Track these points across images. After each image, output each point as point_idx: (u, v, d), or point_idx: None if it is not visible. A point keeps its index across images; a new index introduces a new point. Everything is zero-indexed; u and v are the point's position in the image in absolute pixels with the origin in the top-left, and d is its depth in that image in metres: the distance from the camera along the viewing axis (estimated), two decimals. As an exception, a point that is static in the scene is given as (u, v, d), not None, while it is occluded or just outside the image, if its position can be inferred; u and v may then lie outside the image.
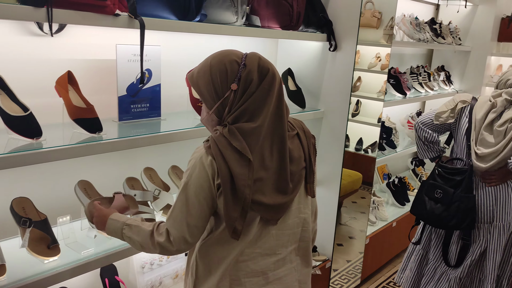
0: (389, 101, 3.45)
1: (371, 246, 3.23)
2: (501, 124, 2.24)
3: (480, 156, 2.26)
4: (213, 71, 1.32)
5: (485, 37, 4.33)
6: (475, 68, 4.43)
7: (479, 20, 4.34)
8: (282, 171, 1.35)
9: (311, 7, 2.55)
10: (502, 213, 2.34)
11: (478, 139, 2.30)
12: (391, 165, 4.23)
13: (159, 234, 1.36)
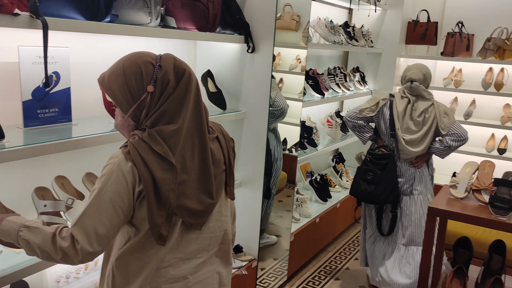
0: (308, 101, 3.56)
1: (296, 243, 3.31)
2: (419, 115, 2.87)
3: (407, 141, 2.86)
4: (127, 73, 1.29)
5: (394, 39, 4.63)
6: (387, 69, 4.72)
7: (388, 24, 4.63)
8: (205, 172, 1.34)
9: (227, 9, 2.57)
10: (420, 188, 2.95)
11: (403, 128, 2.88)
12: (314, 163, 4.37)
13: (62, 238, 1.25)
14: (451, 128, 2.85)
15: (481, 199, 2.25)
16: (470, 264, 2.38)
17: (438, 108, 2.89)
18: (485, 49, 4.46)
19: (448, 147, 2.88)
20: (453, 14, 4.76)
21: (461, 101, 4.77)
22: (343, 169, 4.38)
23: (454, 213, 2.19)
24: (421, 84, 2.90)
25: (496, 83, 4.45)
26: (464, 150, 4.62)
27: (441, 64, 4.90)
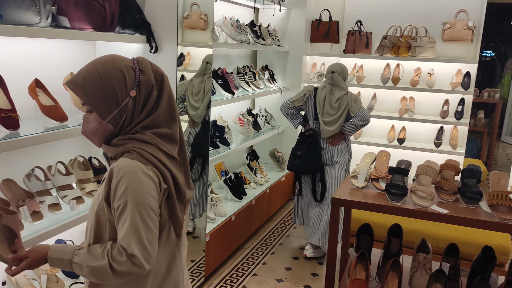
0: (218, 100, 3.57)
1: (212, 243, 3.31)
2: (335, 101, 3.52)
3: (325, 122, 3.53)
4: (108, 78, 1.27)
5: (299, 38, 4.79)
6: (294, 67, 4.88)
7: (293, 23, 4.78)
8: (186, 169, 1.43)
9: (126, 8, 2.49)
10: (339, 159, 3.62)
11: (323, 112, 3.54)
12: (228, 161, 4.39)
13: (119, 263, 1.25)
14: (358, 111, 3.47)
15: (379, 187, 2.40)
16: (372, 249, 2.54)
17: (350, 96, 3.53)
18: (382, 46, 4.78)
19: (354, 125, 3.52)
20: (352, 14, 5.04)
21: (364, 95, 5.06)
22: (257, 166, 4.46)
23: (356, 202, 2.32)
24: (339, 75, 3.54)
25: (393, 77, 4.79)
26: (369, 142, 4.94)
27: (344, 61, 5.16)
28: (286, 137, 5.04)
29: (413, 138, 4.95)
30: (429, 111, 4.88)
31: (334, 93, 3.52)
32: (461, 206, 2.23)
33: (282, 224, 4.47)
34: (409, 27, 4.72)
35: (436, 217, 2.18)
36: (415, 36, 4.68)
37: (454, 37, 4.50)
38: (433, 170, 2.34)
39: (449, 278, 2.29)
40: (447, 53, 4.75)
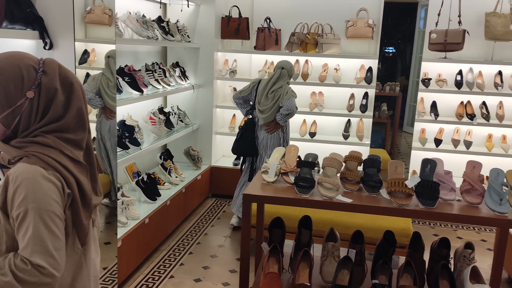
0: (125, 99, 3.42)
1: (125, 248, 3.18)
2: (271, 92, 3.88)
3: (260, 110, 3.91)
4: (5, 75, 1.19)
5: (210, 34, 4.76)
6: (206, 63, 4.84)
7: (203, 18, 4.74)
8: (93, 174, 1.39)
9: (14, 2, 2.29)
10: (274, 145, 4.00)
11: (260, 102, 3.92)
12: (140, 162, 4.25)
13: (25, 273, 1.16)
14: (285, 102, 3.81)
15: (288, 181, 2.45)
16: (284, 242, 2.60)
17: (284, 89, 3.88)
18: (291, 43, 4.90)
19: (281, 115, 3.87)
20: (261, 10, 5.11)
21: (276, 91, 5.16)
22: (172, 166, 4.37)
23: (266, 197, 2.35)
24: (287, 72, 3.92)
25: (303, 73, 4.94)
26: (281, 136, 5.02)
27: (255, 57, 5.23)
28: (201, 134, 4.99)
29: (324, 131, 5.15)
30: (337, 105, 5.11)
31: (273, 85, 3.87)
32: (364, 194, 2.35)
33: (199, 223, 4.43)
34: (316, 24, 4.89)
35: (341, 206, 2.27)
36: (321, 33, 4.86)
37: (356, 34, 4.74)
38: (338, 161, 2.44)
39: (355, 263, 2.40)
40: (351, 49, 5.00)
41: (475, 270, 2.21)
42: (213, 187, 5.08)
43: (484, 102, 4.84)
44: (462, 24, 4.57)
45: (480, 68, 4.82)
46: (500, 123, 4.71)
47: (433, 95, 4.95)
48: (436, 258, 2.40)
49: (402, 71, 11.35)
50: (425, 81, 4.81)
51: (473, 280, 2.18)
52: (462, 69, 4.82)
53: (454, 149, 4.81)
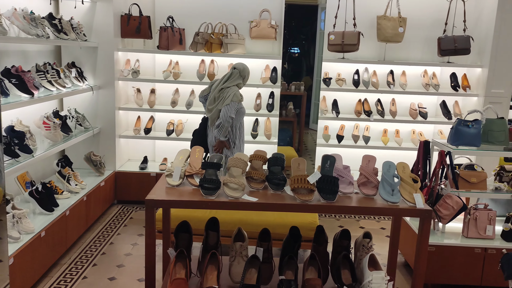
0: (13, 103, 3.13)
1: (18, 265, 2.90)
2: (218, 91, 3.83)
3: (208, 109, 3.90)
4: None
5: (109, 33, 4.53)
6: (105, 63, 4.60)
7: (100, 16, 4.49)
8: None
9: None
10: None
11: (209, 100, 3.88)
12: (34, 171, 3.92)
13: None
14: (222, 110, 3.76)
15: (193, 183, 2.40)
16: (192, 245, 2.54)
17: (229, 92, 3.78)
18: (195, 43, 4.84)
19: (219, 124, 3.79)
20: (163, 9, 4.98)
21: (182, 92, 5.07)
22: (71, 173, 4.08)
23: (170, 201, 2.28)
24: (239, 73, 3.84)
25: (209, 73, 4.90)
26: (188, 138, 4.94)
27: (159, 57, 5.08)
28: (103, 138, 4.74)
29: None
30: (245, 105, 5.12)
31: (223, 85, 3.82)
32: (269, 192, 2.38)
33: (104, 232, 4.19)
34: (220, 24, 4.88)
35: (247, 206, 2.28)
36: (225, 33, 4.86)
37: (260, 35, 4.81)
38: (243, 161, 2.45)
39: (263, 261, 2.42)
40: (256, 49, 5.06)
41: (373, 258, 2.34)
42: (119, 193, 4.85)
43: (379, 99, 5.18)
44: (357, 27, 4.85)
45: (374, 68, 5.15)
46: (394, 118, 5.07)
47: (334, 93, 5.19)
48: (338, 249, 2.50)
49: (307, 71, 11.81)
50: (326, 80, 5.03)
51: (371, 267, 2.30)
52: (359, 68, 5.11)
53: (355, 144, 5.09)
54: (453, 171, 3.40)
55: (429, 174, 3.57)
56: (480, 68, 4.97)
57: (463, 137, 3.47)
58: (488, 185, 3.49)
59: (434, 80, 5.08)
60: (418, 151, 3.70)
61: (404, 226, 3.66)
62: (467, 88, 5.03)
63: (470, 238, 3.38)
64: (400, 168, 2.45)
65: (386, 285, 2.20)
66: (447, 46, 4.82)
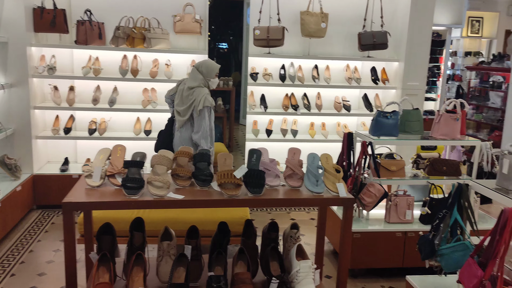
0: None
1: None
2: (185, 91, 3.62)
3: (177, 111, 3.68)
4: None
5: (19, 27, 4.22)
6: (17, 60, 4.28)
7: (9, 9, 4.16)
8: None
9: None
10: (185, 144, 3.66)
11: (178, 102, 3.67)
12: None
13: None
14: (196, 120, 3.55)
15: (115, 183, 2.30)
16: (117, 248, 2.44)
17: (200, 93, 3.56)
18: (116, 37, 4.64)
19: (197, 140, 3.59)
20: (80, 2, 4.72)
21: (104, 89, 4.85)
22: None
23: (91, 203, 2.16)
24: (197, 69, 3.63)
25: (132, 69, 4.73)
26: (114, 136, 4.76)
27: (77, 53, 4.82)
28: (17, 140, 4.42)
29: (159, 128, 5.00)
30: (170, 101, 5.03)
31: (190, 84, 3.62)
32: (196, 189, 2.34)
33: (23, 240, 3.92)
34: (141, 18, 4.72)
35: (174, 204, 2.22)
36: (148, 27, 4.71)
37: (184, 29, 4.72)
38: (167, 158, 2.38)
39: (192, 259, 2.38)
40: (181, 44, 4.97)
41: (300, 248, 2.38)
42: (38, 197, 4.55)
43: (305, 93, 5.30)
44: (281, 22, 4.91)
45: (299, 63, 5.26)
46: (319, 112, 5.22)
47: (261, 88, 5.23)
48: (267, 242, 2.52)
49: (236, 66, 11.83)
50: (253, 75, 5.06)
51: (299, 257, 2.34)
52: (285, 63, 5.19)
53: (284, 138, 5.17)
54: (375, 160, 3.56)
55: (353, 164, 3.71)
56: (397, 62, 5.25)
57: (383, 128, 3.64)
58: (406, 172, 3.69)
59: (356, 74, 5.29)
60: (342, 143, 3.83)
61: (331, 215, 3.78)
62: (386, 81, 5.29)
63: (392, 223, 3.57)
64: (323, 160, 2.51)
65: (313, 274, 2.25)
66: (366, 41, 5.03)
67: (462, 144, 3.91)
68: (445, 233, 2.52)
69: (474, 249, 2.18)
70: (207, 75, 3.65)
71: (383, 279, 3.54)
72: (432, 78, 8.99)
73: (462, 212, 2.52)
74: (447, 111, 3.62)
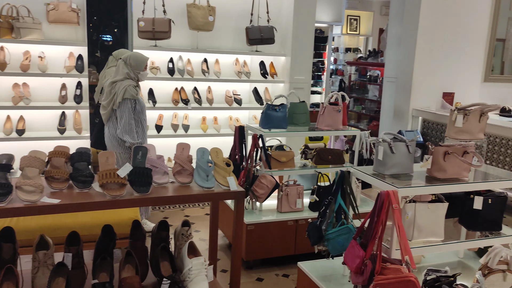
0: None
1: None
2: (108, 86, 3.51)
3: (103, 106, 3.59)
4: None
5: None
6: None
7: None
8: None
9: None
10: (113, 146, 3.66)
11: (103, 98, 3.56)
12: None
13: None
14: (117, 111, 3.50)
15: (-24, 190, 2.00)
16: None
17: (121, 86, 3.44)
18: (-22, 27, 4.11)
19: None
20: None
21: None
22: None
23: None
24: (124, 61, 3.57)
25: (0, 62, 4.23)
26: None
27: None
28: None
29: (35, 127, 4.57)
30: (47, 97, 4.60)
31: (114, 78, 3.51)
32: (75, 191, 2.14)
33: None
34: (8, 6, 4.23)
35: (49, 209, 2.00)
36: (16, 16, 4.23)
37: (59, 19, 4.34)
38: (40, 160, 2.14)
39: (73, 267, 2.18)
40: (56, 35, 4.56)
41: (192, 245, 2.31)
42: None
43: (195, 87, 5.21)
44: (167, 14, 4.76)
45: (188, 56, 5.15)
46: (211, 106, 5.18)
47: (149, 82, 5.03)
48: (157, 242, 2.41)
49: (123, 61, 11.31)
50: (139, 69, 4.83)
51: (191, 254, 2.27)
52: (173, 57, 5.05)
53: (175, 133, 5.04)
54: (266, 152, 3.62)
55: (246, 157, 3.73)
56: (284, 57, 5.41)
57: (272, 121, 3.72)
58: (296, 163, 3.82)
59: (246, 68, 5.34)
60: (234, 136, 3.84)
61: (226, 208, 3.77)
62: (275, 75, 5.43)
63: (284, 213, 3.66)
64: (213, 154, 2.47)
65: (205, 270, 2.19)
66: (254, 36, 5.10)
67: (344, 134, 4.16)
68: (331, 219, 2.64)
69: (356, 232, 2.30)
70: (136, 68, 3.58)
71: (277, 268, 3.62)
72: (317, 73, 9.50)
73: (345, 197, 2.65)
74: (330, 103, 3.81)
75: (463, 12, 5.53)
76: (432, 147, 2.52)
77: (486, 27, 5.74)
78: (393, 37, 6.09)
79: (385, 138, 2.56)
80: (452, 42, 5.56)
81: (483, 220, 2.64)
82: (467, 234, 2.82)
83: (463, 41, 5.62)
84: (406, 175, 2.58)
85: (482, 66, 5.84)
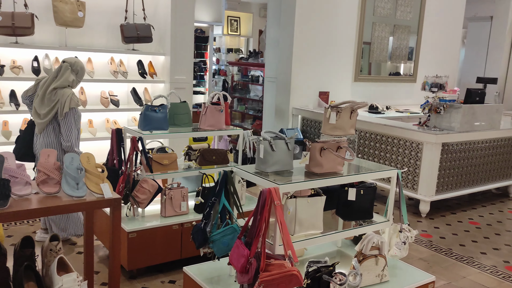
0: None
1: None
2: (49, 93, 3.30)
3: (39, 115, 3.33)
4: None
5: None
6: None
7: None
8: None
9: None
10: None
11: (37, 102, 3.32)
12: None
13: None
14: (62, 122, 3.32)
15: None
16: None
17: (64, 94, 3.27)
18: None
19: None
20: None
21: None
22: None
23: None
24: (70, 66, 3.37)
25: None
26: None
27: None
28: None
29: None
30: None
31: (55, 84, 3.31)
32: None
33: None
34: None
35: None
36: None
37: None
38: None
39: None
40: None
41: (62, 261, 2.09)
42: None
43: (66, 88, 4.79)
44: (29, 8, 4.30)
45: (56, 54, 4.72)
46: (85, 108, 4.81)
47: (10, 83, 4.50)
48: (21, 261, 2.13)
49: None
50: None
51: (62, 271, 2.05)
52: (38, 55, 4.58)
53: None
54: (146, 155, 3.45)
55: (124, 161, 3.52)
56: (163, 56, 5.25)
57: (152, 122, 3.56)
58: (179, 164, 3.70)
59: (122, 68, 5.07)
60: (111, 140, 3.60)
61: (104, 216, 3.51)
62: (154, 75, 5.24)
63: (168, 217, 3.52)
64: (84, 160, 2.26)
65: (79, 287, 1.99)
66: (130, 34, 4.86)
67: (227, 134, 4.16)
68: (216, 220, 2.59)
69: (240, 231, 2.28)
70: (79, 77, 3.50)
71: (163, 274, 3.48)
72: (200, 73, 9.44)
73: (229, 197, 2.62)
74: (212, 103, 3.77)
75: (334, 17, 5.92)
76: (309, 144, 2.61)
77: (354, 31, 6.22)
78: (272, 39, 6.28)
79: (265, 136, 2.59)
80: (326, 45, 5.92)
81: (357, 210, 2.81)
82: (343, 224, 2.98)
83: (335, 44, 6.02)
84: (287, 171, 2.64)
85: (352, 67, 6.32)
